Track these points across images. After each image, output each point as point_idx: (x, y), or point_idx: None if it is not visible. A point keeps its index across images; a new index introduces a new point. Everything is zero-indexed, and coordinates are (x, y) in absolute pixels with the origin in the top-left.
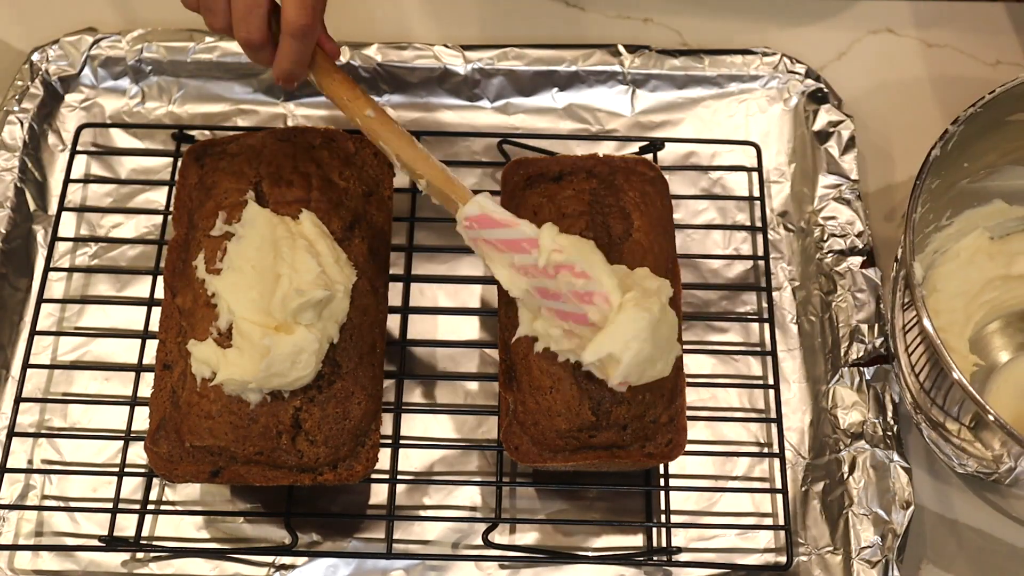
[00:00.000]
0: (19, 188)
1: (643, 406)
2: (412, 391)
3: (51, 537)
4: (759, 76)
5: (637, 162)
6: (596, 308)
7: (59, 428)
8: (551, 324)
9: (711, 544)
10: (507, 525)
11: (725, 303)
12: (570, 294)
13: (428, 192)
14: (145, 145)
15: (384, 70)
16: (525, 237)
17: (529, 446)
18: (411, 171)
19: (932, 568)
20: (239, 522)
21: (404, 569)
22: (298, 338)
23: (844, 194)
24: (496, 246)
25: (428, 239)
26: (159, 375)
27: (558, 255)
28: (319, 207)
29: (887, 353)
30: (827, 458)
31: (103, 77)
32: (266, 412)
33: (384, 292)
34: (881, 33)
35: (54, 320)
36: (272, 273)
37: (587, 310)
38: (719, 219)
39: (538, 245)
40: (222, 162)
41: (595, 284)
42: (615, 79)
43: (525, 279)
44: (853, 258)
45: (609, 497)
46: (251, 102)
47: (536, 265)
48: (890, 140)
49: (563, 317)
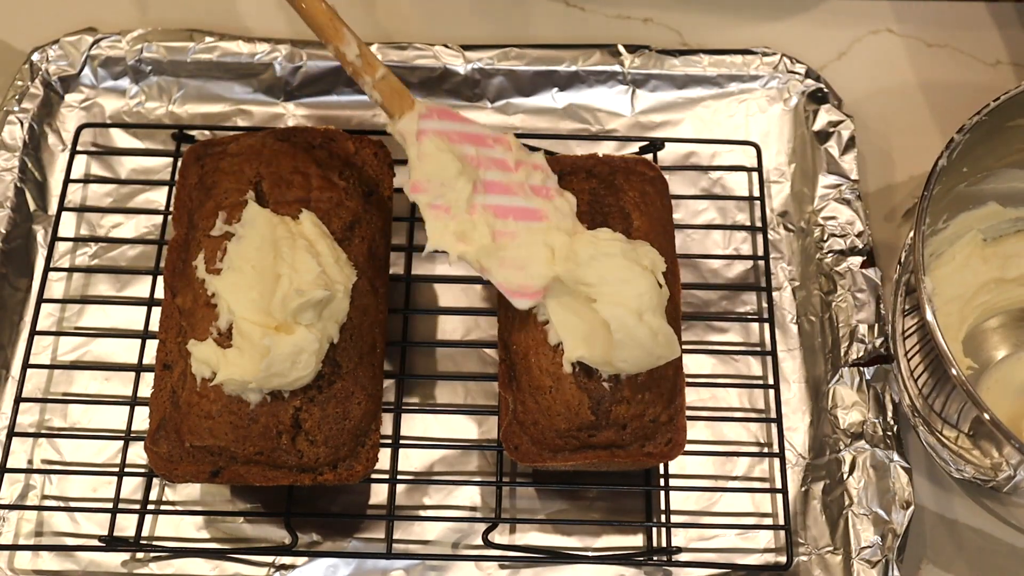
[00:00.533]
0: (19, 188)
1: (643, 405)
2: (412, 391)
3: (51, 537)
4: (759, 76)
5: (637, 162)
6: (552, 204)
7: (59, 428)
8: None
9: (711, 544)
10: (507, 525)
11: (725, 303)
12: (528, 187)
13: (376, 89)
14: (145, 145)
15: None
16: (492, 134)
17: (529, 446)
18: (366, 63)
19: (932, 568)
20: (239, 522)
21: (404, 569)
22: (298, 338)
23: (844, 194)
24: (451, 137)
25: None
26: (159, 375)
27: (523, 153)
28: (319, 207)
29: (887, 353)
30: (827, 458)
31: (103, 77)
32: (266, 412)
33: (384, 292)
34: (881, 33)
35: (54, 320)
36: (272, 273)
37: (541, 204)
38: (719, 219)
39: (505, 142)
40: (222, 162)
41: (553, 180)
42: (615, 79)
43: (477, 170)
44: (853, 258)
45: (609, 497)
46: (251, 102)
47: (494, 157)
48: (890, 140)
49: (503, 214)
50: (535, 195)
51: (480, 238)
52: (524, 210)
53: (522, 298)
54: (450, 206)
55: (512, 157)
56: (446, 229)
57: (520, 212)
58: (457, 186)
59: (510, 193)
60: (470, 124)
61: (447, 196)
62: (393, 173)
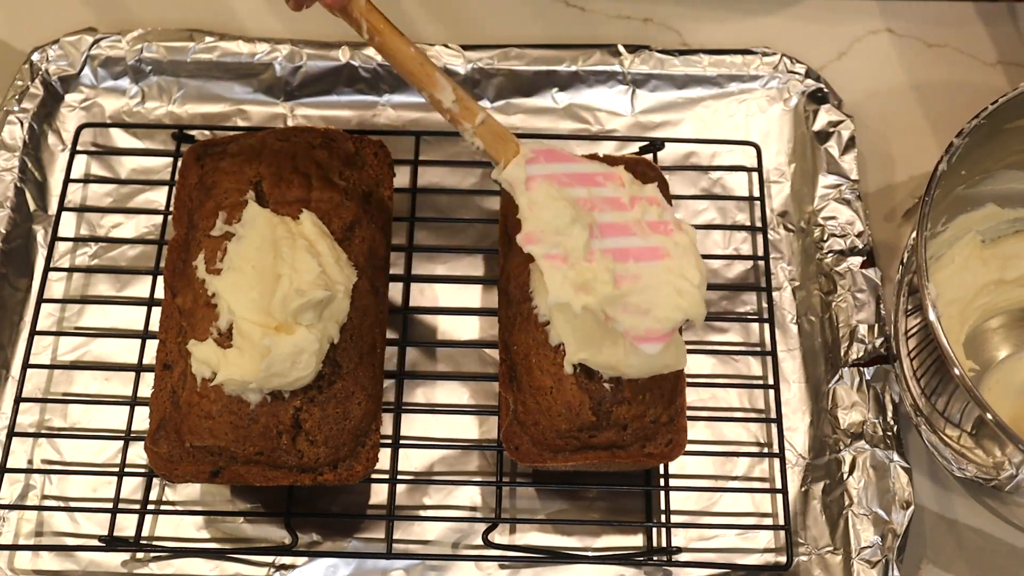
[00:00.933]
0: (19, 188)
1: (643, 406)
2: (412, 391)
3: (51, 537)
4: (759, 76)
5: (637, 162)
6: (671, 239)
7: (59, 428)
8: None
9: (711, 544)
10: (507, 525)
11: (725, 303)
12: (645, 224)
13: (477, 135)
14: (145, 145)
15: (384, 70)
16: (601, 171)
17: (529, 446)
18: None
19: (932, 568)
20: (239, 522)
21: (404, 569)
22: (298, 338)
23: (844, 194)
24: (560, 180)
25: (428, 239)
26: (159, 375)
27: (636, 187)
28: (319, 207)
29: (887, 353)
30: (827, 458)
31: (103, 77)
32: (266, 412)
33: (384, 292)
34: (881, 33)
35: (54, 320)
36: (272, 273)
37: (660, 241)
38: (719, 219)
39: (617, 178)
40: (222, 162)
41: (670, 213)
42: (615, 79)
43: (591, 213)
44: (853, 258)
45: (609, 497)
46: (251, 102)
47: (607, 196)
48: (890, 140)
49: (622, 257)
50: (653, 232)
51: (602, 286)
52: (644, 250)
53: (650, 343)
54: (567, 255)
55: (626, 194)
56: (565, 280)
57: (640, 253)
58: (573, 233)
59: (628, 233)
60: (578, 162)
61: (563, 244)
62: (393, 173)
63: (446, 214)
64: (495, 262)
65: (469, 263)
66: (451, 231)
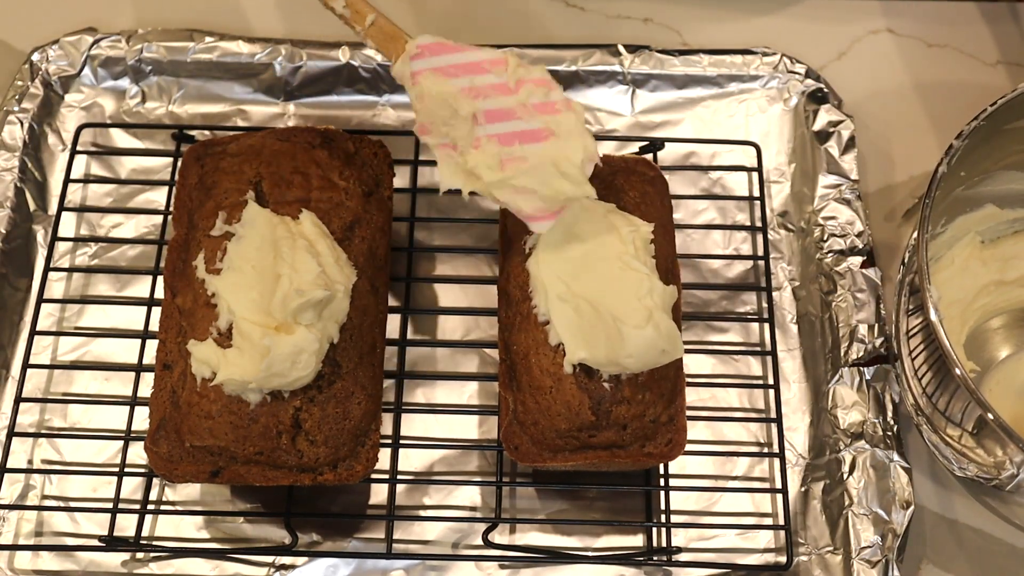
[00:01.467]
0: (19, 188)
1: (643, 406)
2: (412, 391)
3: (51, 537)
4: (759, 76)
5: (637, 162)
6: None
7: (59, 428)
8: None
9: (711, 544)
10: (507, 525)
11: (725, 303)
12: (531, 106)
13: (367, 34)
14: (145, 145)
15: (384, 70)
16: (488, 57)
17: (529, 446)
18: (354, 12)
19: (932, 568)
20: (239, 522)
21: (404, 569)
22: (298, 338)
23: (844, 194)
24: (445, 72)
25: (428, 239)
26: (159, 375)
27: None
28: (319, 207)
29: (887, 353)
30: (827, 458)
31: (103, 77)
32: (266, 412)
33: (384, 292)
34: (881, 33)
35: (54, 320)
36: (272, 273)
37: (546, 122)
38: (719, 219)
39: (502, 63)
40: (222, 162)
41: (557, 93)
42: (615, 79)
43: (475, 102)
44: (853, 258)
45: (609, 497)
46: (251, 102)
47: (492, 83)
48: (890, 140)
49: (507, 140)
50: (539, 113)
51: (487, 171)
52: (528, 132)
53: (540, 222)
54: (456, 143)
55: (512, 78)
56: (456, 167)
57: (525, 135)
58: (458, 122)
59: (512, 117)
60: (465, 52)
61: (451, 134)
62: (393, 173)
63: (446, 214)
64: (495, 262)
65: (469, 263)
66: (451, 231)
